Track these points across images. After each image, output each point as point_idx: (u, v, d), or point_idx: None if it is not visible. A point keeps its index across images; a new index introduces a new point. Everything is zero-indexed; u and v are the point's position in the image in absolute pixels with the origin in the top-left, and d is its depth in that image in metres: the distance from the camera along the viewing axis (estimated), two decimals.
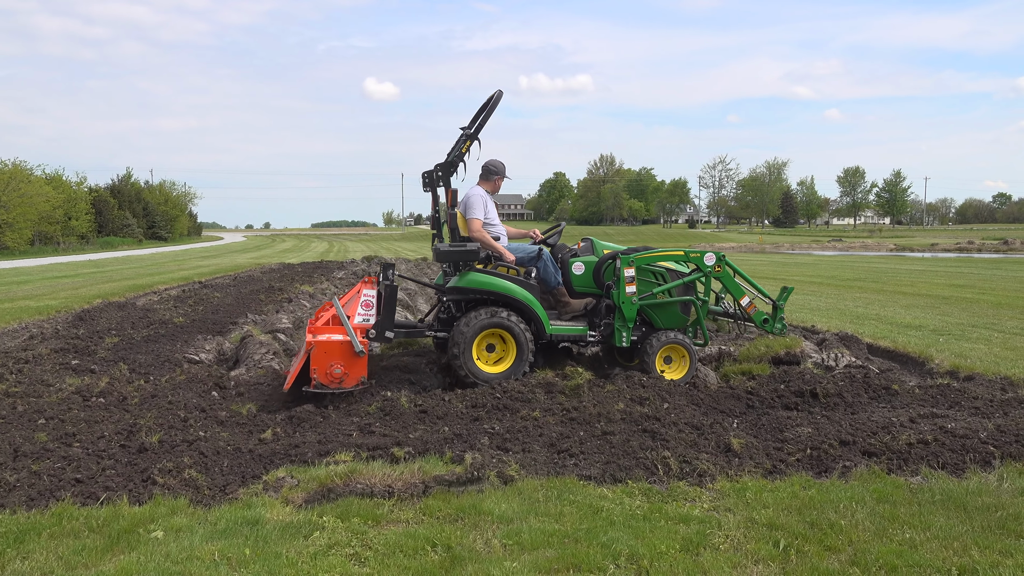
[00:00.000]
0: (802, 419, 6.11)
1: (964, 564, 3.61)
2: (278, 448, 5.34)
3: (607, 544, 3.80)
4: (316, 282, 20.40)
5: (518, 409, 6.17)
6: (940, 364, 8.39)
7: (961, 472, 4.89)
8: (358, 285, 7.53)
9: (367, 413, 6.28)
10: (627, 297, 7.35)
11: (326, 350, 6.59)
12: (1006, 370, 7.82)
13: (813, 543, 3.86)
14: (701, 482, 4.75)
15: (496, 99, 7.40)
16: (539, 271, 7.53)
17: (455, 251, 7.20)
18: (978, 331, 10.55)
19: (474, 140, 7.40)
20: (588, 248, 8.01)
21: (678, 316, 7.68)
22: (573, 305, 7.78)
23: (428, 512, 4.26)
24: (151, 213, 73.27)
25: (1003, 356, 8.65)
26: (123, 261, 34.77)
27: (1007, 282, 19.58)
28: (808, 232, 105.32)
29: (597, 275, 7.68)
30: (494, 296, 7.21)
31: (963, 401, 6.61)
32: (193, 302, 15.26)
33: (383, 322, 7.17)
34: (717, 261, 7.63)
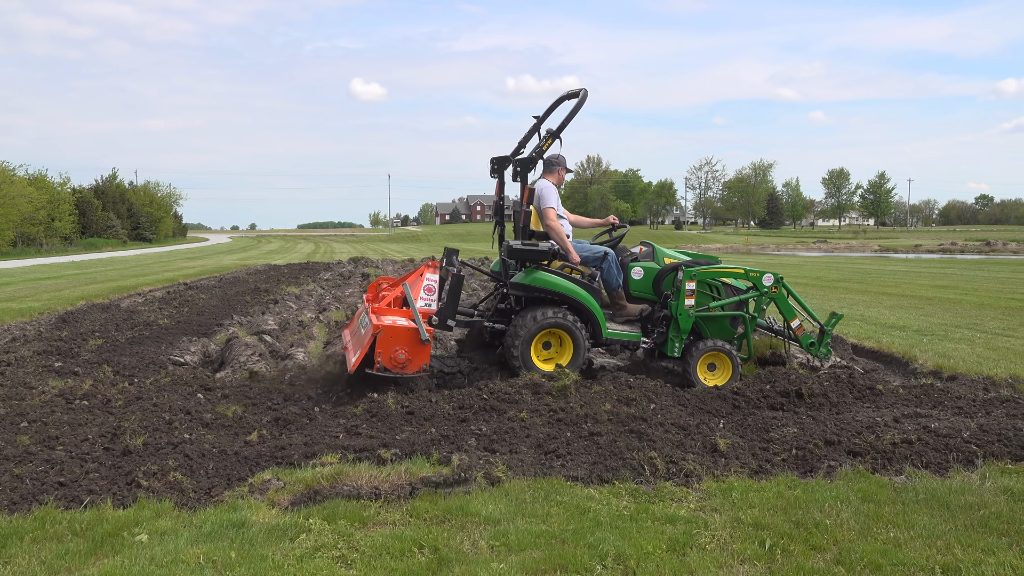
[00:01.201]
0: (788, 419, 6.15)
1: (947, 562, 3.64)
2: (264, 450, 5.31)
3: (594, 545, 3.81)
4: (302, 283, 20.32)
5: (505, 410, 6.17)
6: (924, 364, 8.46)
7: (944, 471, 4.94)
8: (421, 268, 7.54)
9: (353, 414, 6.26)
10: (685, 310, 7.44)
11: (392, 335, 6.63)
12: (988, 370, 7.90)
13: (798, 542, 3.88)
14: (688, 482, 4.77)
15: (583, 97, 7.34)
16: (603, 272, 7.58)
17: (527, 250, 7.27)
18: (961, 331, 10.65)
19: (556, 138, 7.37)
20: (649, 254, 8.02)
21: (727, 329, 7.77)
22: (629, 309, 7.81)
23: (415, 514, 4.25)
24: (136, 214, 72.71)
25: (985, 356, 8.73)
26: (107, 263, 34.49)
27: (989, 283, 19.77)
28: (793, 233, 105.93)
29: (657, 283, 7.75)
30: (557, 296, 7.27)
31: (946, 401, 6.67)
32: (178, 304, 15.17)
33: (446, 310, 7.17)
34: (775, 282, 7.72)
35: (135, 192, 79.14)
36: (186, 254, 47.65)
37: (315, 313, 13.76)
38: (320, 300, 16.44)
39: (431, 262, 7.57)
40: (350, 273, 25.04)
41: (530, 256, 7.27)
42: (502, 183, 7.64)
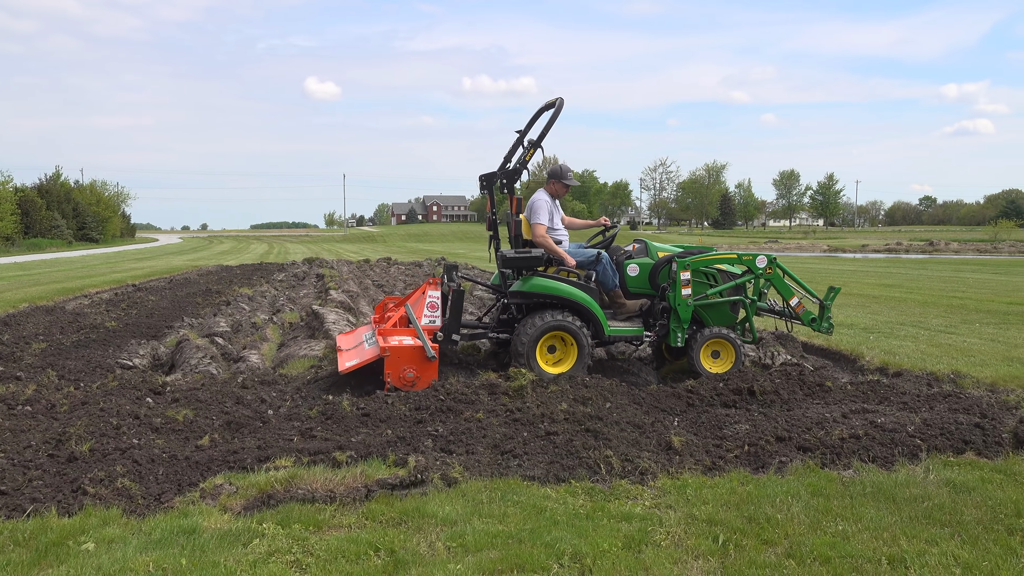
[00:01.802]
0: (740, 416, 6.25)
1: (893, 554, 3.74)
2: (216, 455, 5.22)
3: (551, 544, 3.83)
4: (256, 284, 20.02)
5: (462, 411, 6.15)
6: (870, 361, 8.67)
7: (890, 465, 5.07)
8: (423, 286, 7.69)
9: (308, 417, 6.19)
10: (683, 299, 7.59)
11: (399, 355, 6.86)
12: (931, 366, 8.13)
13: (751, 537, 3.95)
14: (643, 480, 4.82)
15: (559, 106, 7.51)
16: (598, 274, 7.74)
17: (521, 257, 7.45)
18: (906, 329, 10.94)
19: (537, 147, 7.52)
20: (642, 250, 8.19)
21: (728, 315, 7.93)
22: (628, 306, 7.96)
23: (371, 516, 4.21)
24: (82, 214, 70.80)
25: (929, 353, 8.99)
26: (51, 264, 33.51)
27: (932, 282, 20.37)
28: (746, 233, 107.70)
29: (653, 277, 7.90)
30: (556, 299, 7.42)
31: (892, 396, 6.85)
32: (126, 306, 14.82)
33: (450, 325, 7.37)
34: (769, 263, 7.87)
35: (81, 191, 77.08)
36: (135, 255, 46.55)
37: (269, 315, 13.58)
38: (274, 301, 16.22)
39: (432, 279, 7.71)
40: (304, 274, 24.75)
41: (525, 263, 7.46)
42: (492, 198, 7.75)
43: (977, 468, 4.97)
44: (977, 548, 3.81)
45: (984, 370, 7.90)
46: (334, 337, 9.78)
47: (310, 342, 9.82)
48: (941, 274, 23.68)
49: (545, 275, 7.53)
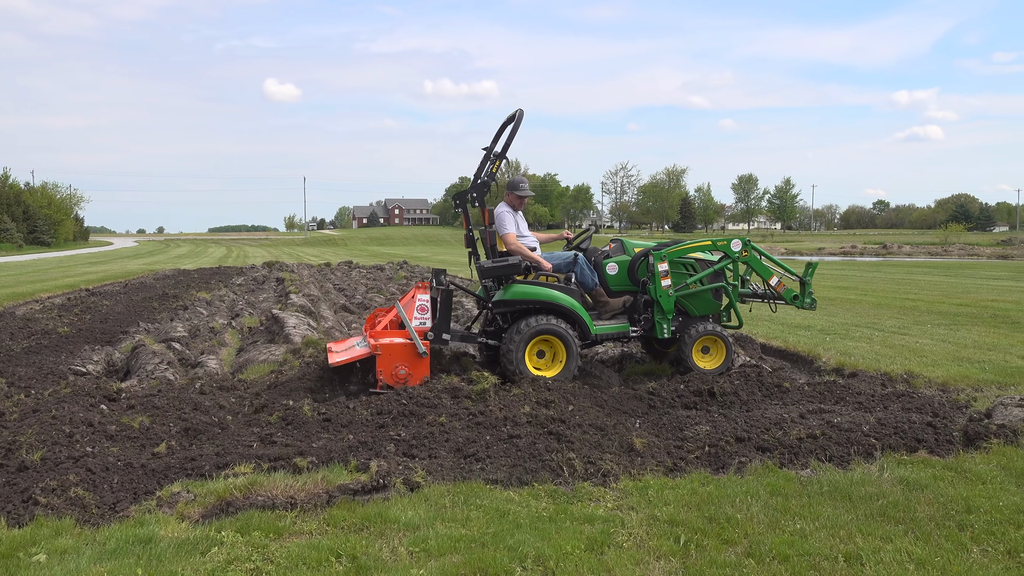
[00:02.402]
0: (701, 418, 6.32)
1: (849, 551, 3.81)
2: (173, 462, 5.12)
3: (514, 547, 3.83)
4: (214, 288, 19.71)
5: (424, 415, 6.13)
6: (827, 362, 8.84)
7: (846, 464, 5.17)
8: (412, 291, 7.75)
9: (268, 423, 6.11)
10: (663, 291, 7.73)
11: (391, 353, 7.00)
12: (885, 366, 8.32)
13: (711, 537, 3.99)
14: (605, 482, 4.85)
15: (519, 118, 7.64)
16: (576, 275, 7.83)
17: (498, 266, 7.53)
18: (861, 330, 11.17)
19: (503, 159, 7.68)
20: (619, 248, 8.32)
21: (711, 303, 8.07)
22: (612, 304, 8.08)
23: (332, 522, 4.17)
24: (32, 217, 69.01)
25: (883, 353, 9.19)
26: (1, 268, 32.60)
27: (886, 284, 20.84)
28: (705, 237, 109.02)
29: (632, 273, 8.00)
30: (539, 304, 7.48)
31: (848, 397, 6.99)
32: (79, 311, 14.49)
33: (440, 325, 7.41)
34: (744, 246, 8.01)
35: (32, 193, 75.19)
36: (88, 259, 45.51)
37: (227, 319, 13.38)
38: (233, 306, 15.99)
39: (421, 284, 7.76)
40: (264, 278, 24.44)
41: (502, 272, 7.54)
42: (467, 216, 7.85)
43: (929, 466, 5.09)
44: (929, 544, 3.90)
45: (935, 370, 8.10)
46: (295, 341, 9.67)
47: (270, 347, 9.70)
48: (894, 276, 24.24)
49: (525, 282, 7.60)
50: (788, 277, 8.29)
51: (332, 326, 12.02)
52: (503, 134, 7.81)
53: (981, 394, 7.07)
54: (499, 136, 7.84)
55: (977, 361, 8.63)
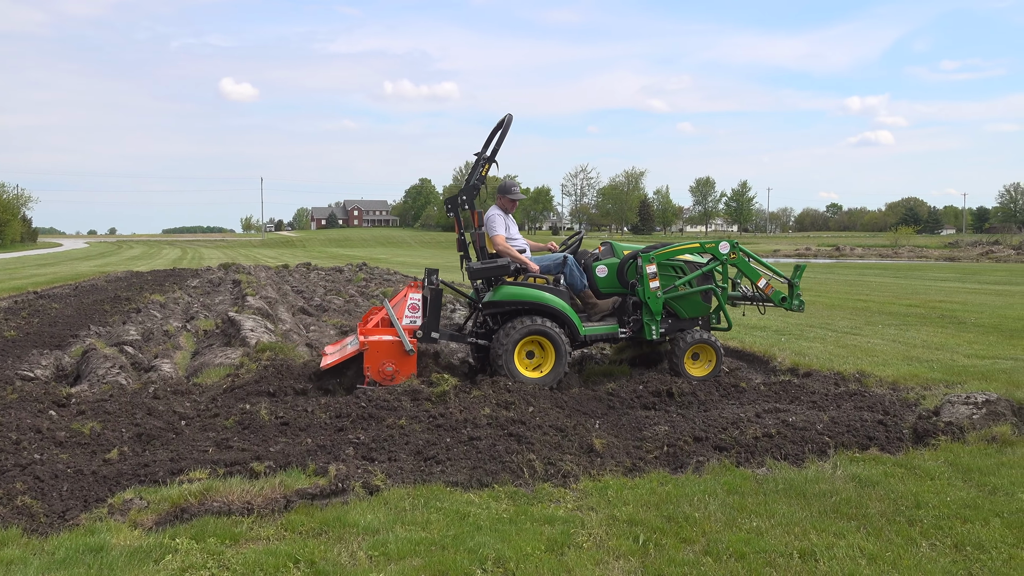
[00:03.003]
0: (659, 418, 6.38)
1: (804, 547, 3.88)
2: (125, 468, 5.01)
3: (474, 549, 3.82)
4: (168, 291, 19.34)
5: (384, 418, 6.09)
6: (782, 362, 8.99)
7: (801, 462, 5.27)
8: (404, 290, 7.79)
9: (224, 427, 6.01)
10: (652, 292, 7.79)
11: (378, 349, 7.10)
12: (838, 366, 8.50)
13: (670, 536, 4.04)
14: (565, 483, 4.87)
15: (508, 122, 7.76)
16: (566, 277, 7.90)
17: (487, 267, 7.57)
18: (815, 331, 11.40)
19: (491, 163, 7.76)
20: (608, 251, 8.37)
21: (700, 305, 8.13)
22: (601, 306, 8.12)
23: (290, 527, 4.12)
24: None
25: (836, 353, 9.39)
26: None
27: (839, 285, 21.29)
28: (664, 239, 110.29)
29: (621, 275, 8.06)
30: (528, 305, 7.52)
31: (802, 396, 7.13)
32: (27, 314, 14.09)
33: (430, 323, 7.49)
34: (732, 248, 8.09)
35: None
36: (37, 260, 44.28)
37: (182, 322, 13.14)
38: (188, 308, 15.71)
39: (413, 283, 7.79)
40: (220, 280, 24.06)
41: (492, 273, 7.58)
42: (459, 220, 7.89)
43: (880, 463, 5.21)
44: (881, 539, 4.00)
45: (886, 369, 8.30)
46: (251, 344, 9.54)
47: (226, 350, 9.55)
48: (847, 278, 24.76)
49: (515, 283, 7.65)
50: (776, 279, 8.42)
51: (290, 328, 11.88)
52: (492, 139, 7.87)
53: (930, 392, 7.25)
54: (490, 141, 7.89)
55: (926, 360, 8.87)
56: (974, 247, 52.58)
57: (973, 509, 4.38)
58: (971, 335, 10.96)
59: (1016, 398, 6.74)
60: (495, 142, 7.79)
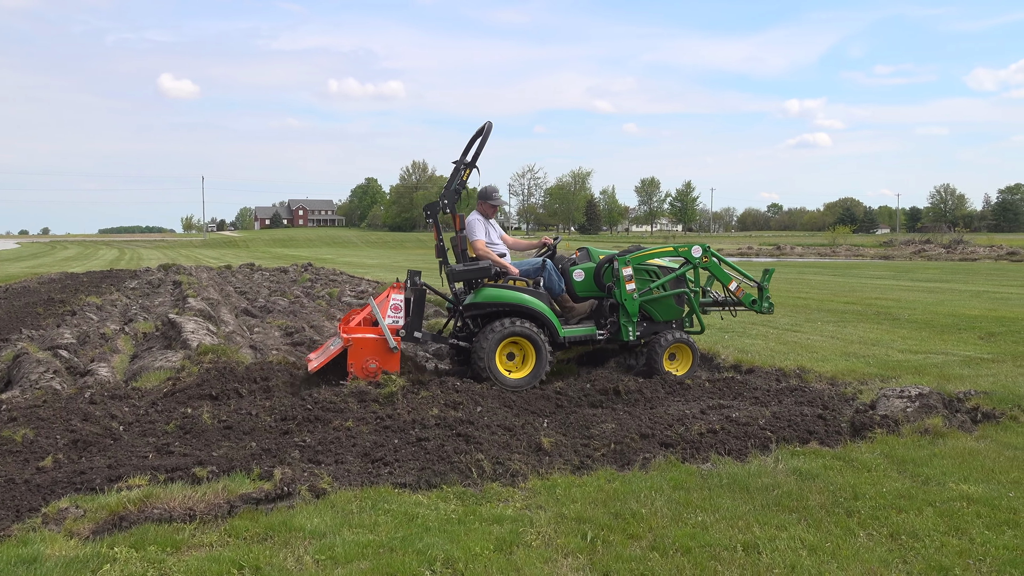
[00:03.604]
0: (607, 416, 6.44)
1: (747, 540, 3.97)
2: (60, 476, 4.85)
3: (423, 551, 3.80)
4: (105, 293, 18.77)
5: (330, 420, 6.02)
6: (726, 359, 9.17)
7: (744, 457, 5.38)
8: (387, 290, 7.80)
9: (165, 432, 5.87)
10: (628, 295, 7.94)
11: (361, 346, 7.20)
12: (780, 362, 8.70)
13: (617, 532, 4.08)
14: (514, 482, 4.88)
15: (488, 129, 7.87)
16: (545, 280, 8.06)
17: (468, 270, 7.68)
18: (757, 328, 11.64)
19: (472, 168, 7.86)
20: (585, 256, 8.53)
21: (674, 308, 8.31)
22: (578, 309, 8.27)
23: (234, 533, 4.04)
24: None
25: (777, 350, 9.61)
26: None
27: (780, 284, 21.78)
28: (610, 238, 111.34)
29: (598, 278, 8.21)
30: (509, 307, 7.65)
31: (745, 392, 7.28)
32: None
33: (412, 323, 7.58)
34: (704, 252, 8.26)
35: None
36: None
37: (120, 325, 12.77)
38: (126, 311, 15.27)
39: (396, 283, 7.80)
40: (160, 281, 23.46)
41: (473, 275, 7.69)
42: (438, 227, 8.00)
43: (820, 456, 5.35)
44: (820, 531, 4.11)
45: (825, 365, 8.53)
46: (193, 347, 9.33)
47: (167, 353, 9.31)
48: (787, 276, 25.36)
49: (496, 285, 7.75)
50: (746, 283, 8.63)
51: (233, 330, 11.64)
52: (473, 145, 7.97)
53: (866, 387, 7.48)
54: (468, 148, 8.00)
55: (862, 356, 9.14)
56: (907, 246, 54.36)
57: (907, 499, 4.53)
58: (905, 331, 11.34)
59: (947, 391, 7.00)
60: (476, 149, 7.88)
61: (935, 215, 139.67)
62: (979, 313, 13.41)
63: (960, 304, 15.21)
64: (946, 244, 51.96)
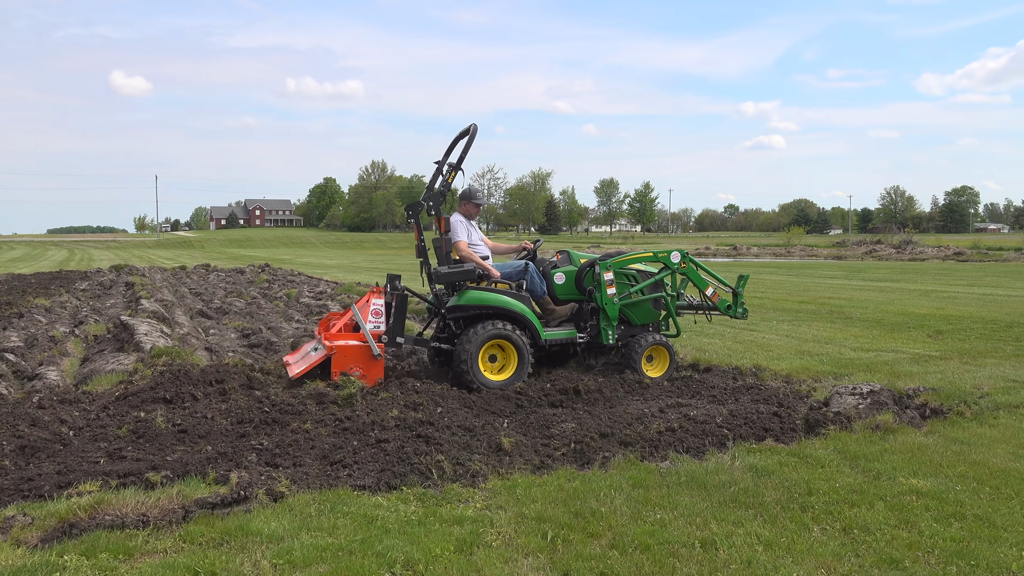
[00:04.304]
0: (567, 415, 6.47)
1: (705, 537, 4.02)
2: (7, 484, 4.71)
3: (382, 553, 3.78)
4: (54, 294, 18.28)
5: (288, 422, 5.94)
6: (683, 358, 9.26)
7: (702, 454, 5.45)
8: (367, 295, 7.73)
9: (117, 437, 5.74)
10: (609, 298, 8.05)
11: (345, 354, 7.13)
12: (736, 361, 8.84)
13: (577, 531, 4.10)
14: (474, 483, 4.87)
15: (473, 132, 7.91)
16: (527, 283, 8.07)
17: (453, 272, 7.68)
18: (713, 327, 11.80)
19: (458, 170, 7.89)
20: (566, 259, 8.65)
21: (651, 312, 8.43)
22: (559, 312, 8.31)
23: (189, 539, 3.97)
24: None
25: (734, 349, 9.75)
26: None
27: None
28: (570, 239, 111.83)
29: (579, 282, 8.32)
30: (492, 310, 7.66)
31: (703, 391, 7.38)
32: None
33: (394, 328, 7.55)
34: (682, 258, 8.45)
35: None
36: None
37: (70, 327, 12.45)
38: (76, 313, 14.90)
39: (376, 288, 7.75)
40: (112, 282, 22.94)
41: (458, 277, 7.70)
42: (419, 227, 8.03)
43: (776, 453, 5.45)
44: (776, 526, 4.18)
45: (780, 363, 8.69)
46: (146, 349, 9.14)
47: (119, 356, 9.11)
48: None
49: (479, 288, 7.76)
50: (722, 288, 8.80)
51: (188, 332, 11.43)
52: (456, 147, 8.01)
53: (820, 384, 7.64)
54: (451, 149, 8.03)
55: (816, 354, 9.33)
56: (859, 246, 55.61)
57: (859, 494, 4.63)
58: (857, 329, 11.61)
59: (897, 388, 7.19)
60: (462, 150, 7.90)
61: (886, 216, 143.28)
62: (927, 312, 13.79)
63: (909, 303, 15.61)
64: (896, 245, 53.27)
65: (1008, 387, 7.41)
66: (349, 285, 20.35)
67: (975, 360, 8.95)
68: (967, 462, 5.22)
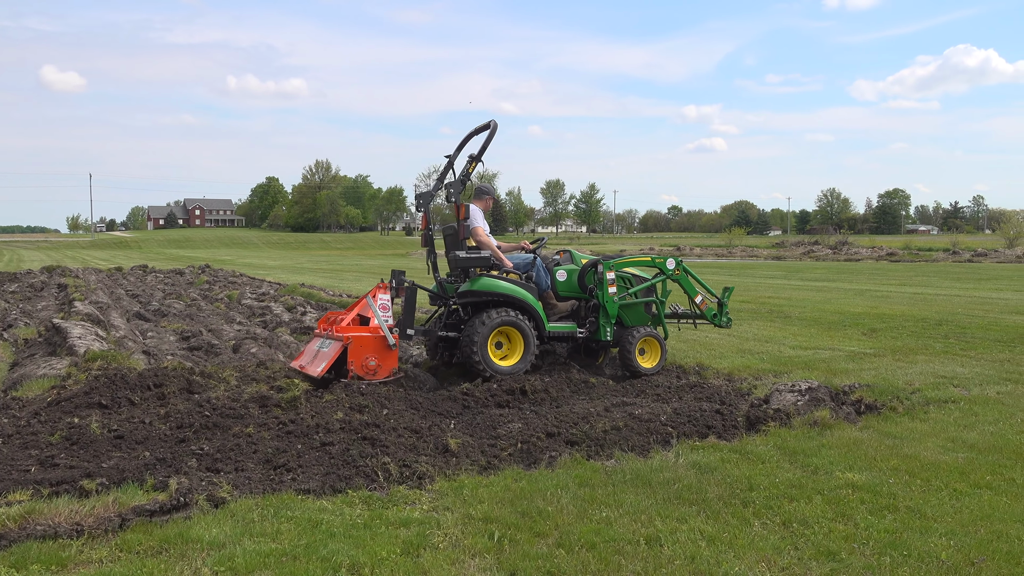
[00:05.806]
0: (513, 415, 6.49)
1: (650, 534, 4.07)
2: None
3: (327, 557, 3.73)
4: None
5: (230, 426, 5.82)
6: None
7: (646, 452, 5.53)
8: (373, 290, 7.83)
9: (49, 443, 5.53)
10: (609, 297, 8.32)
11: (362, 344, 7.22)
12: (680, 360, 8.98)
13: (524, 531, 4.11)
14: (421, 484, 4.85)
15: (494, 128, 8.13)
16: (534, 276, 8.36)
17: (472, 258, 7.92)
18: None
19: (478, 162, 8.19)
20: (568, 258, 8.94)
21: (643, 315, 8.76)
22: (560, 307, 8.58)
23: (126, 547, 3.86)
24: None
25: (678, 348, 9.90)
26: None
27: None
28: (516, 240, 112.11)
29: (581, 280, 8.58)
30: (503, 298, 7.89)
31: (647, 389, 7.48)
32: None
33: (405, 320, 7.73)
34: (676, 265, 8.85)
35: None
36: None
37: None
38: (4, 315, 14.34)
39: (382, 283, 7.79)
40: (43, 284, 22.15)
41: (476, 263, 7.96)
42: (428, 216, 8.30)
43: (718, 450, 5.55)
44: (718, 522, 4.26)
45: (722, 361, 8.86)
46: (80, 353, 8.84)
47: (51, 360, 8.80)
48: None
49: (492, 275, 8.01)
50: (709, 297, 9.07)
51: (124, 335, 11.11)
52: (468, 141, 8.32)
53: (760, 382, 7.81)
54: (464, 143, 8.30)
55: (757, 352, 9.54)
56: (797, 247, 57.10)
57: (798, 488, 4.75)
58: (795, 328, 11.92)
59: (833, 385, 7.40)
60: (484, 143, 8.11)
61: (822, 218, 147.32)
62: (862, 310, 14.23)
63: (845, 302, 16.09)
64: (832, 245, 54.83)
65: (938, 383, 7.70)
66: (293, 286, 20.04)
67: (907, 357, 9.27)
68: (900, 456, 5.40)
